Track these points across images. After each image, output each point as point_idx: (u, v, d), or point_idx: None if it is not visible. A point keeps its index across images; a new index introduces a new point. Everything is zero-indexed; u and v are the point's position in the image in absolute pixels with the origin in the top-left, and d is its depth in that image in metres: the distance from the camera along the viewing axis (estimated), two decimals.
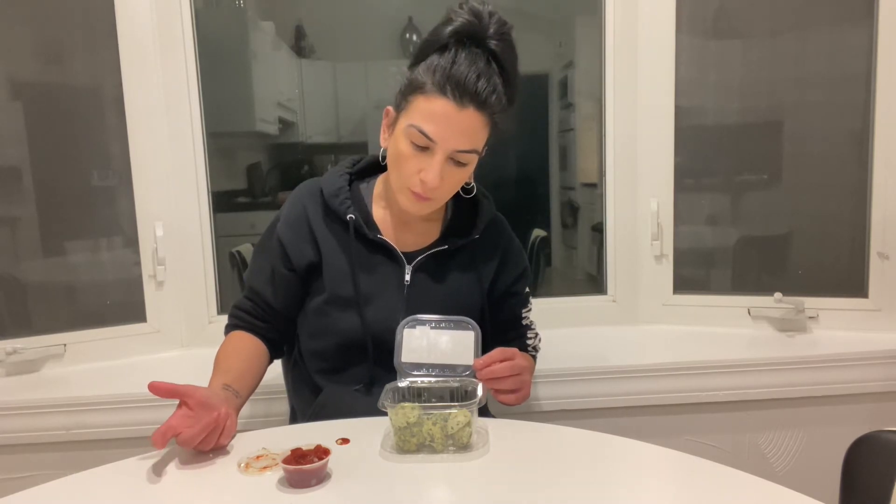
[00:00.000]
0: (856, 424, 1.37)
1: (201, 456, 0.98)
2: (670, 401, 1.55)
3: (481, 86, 1.05)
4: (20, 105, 1.62)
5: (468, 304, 1.22)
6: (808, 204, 1.78)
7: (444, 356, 1.09)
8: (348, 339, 1.18)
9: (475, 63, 1.05)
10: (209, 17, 1.88)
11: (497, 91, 1.07)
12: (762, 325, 1.74)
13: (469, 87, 1.04)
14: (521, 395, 1.12)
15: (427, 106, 1.06)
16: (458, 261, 1.24)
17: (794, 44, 1.72)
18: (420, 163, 1.08)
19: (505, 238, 1.30)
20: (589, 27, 1.87)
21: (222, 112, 1.99)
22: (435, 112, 1.05)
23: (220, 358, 1.17)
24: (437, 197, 1.13)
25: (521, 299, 1.31)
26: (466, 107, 1.05)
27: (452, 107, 1.05)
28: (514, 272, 1.29)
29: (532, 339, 1.32)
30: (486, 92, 1.05)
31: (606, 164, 1.82)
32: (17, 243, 1.66)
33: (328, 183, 1.22)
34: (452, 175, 1.11)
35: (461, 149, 1.07)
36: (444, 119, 1.05)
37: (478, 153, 1.11)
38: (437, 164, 1.07)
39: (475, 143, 1.09)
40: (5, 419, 1.43)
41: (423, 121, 1.06)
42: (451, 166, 1.09)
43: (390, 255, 1.20)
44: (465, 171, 1.12)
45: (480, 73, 1.05)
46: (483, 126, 1.08)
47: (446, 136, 1.06)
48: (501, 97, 1.08)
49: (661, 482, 0.91)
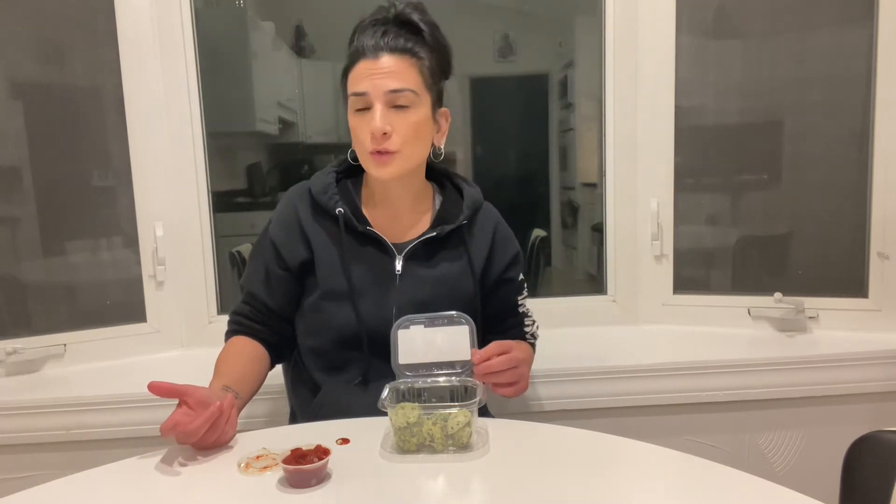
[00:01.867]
0: (856, 424, 1.36)
1: (202, 455, 0.99)
2: (670, 401, 1.54)
3: (390, 37, 1.14)
4: (20, 105, 1.62)
5: (461, 291, 1.23)
6: (808, 204, 1.77)
7: (440, 353, 1.09)
8: (344, 333, 1.19)
9: (379, 27, 1.16)
10: (209, 17, 1.88)
11: (404, 35, 1.15)
12: (762, 325, 1.74)
13: (378, 42, 1.14)
14: (519, 388, 1.13)
15: (353, 75, 1.16)
16: (448, 248, 1.24)
17: (794, 44, 1.72)
18: (367, 123, 1.13)
19: (494, 223, 1.31)
20: (589, 27, 1.87)
21: (222, 112, 1.98)
22: (358, 72, 1.15)
23: (220, 362, 1.18)
24: (399, 150, 1.14)
25: (516, 286, 1.31)
26: (381, 55, 1.14)
27: (368, 61, 1.14)
28: (505, 257, 1.30)
29: (530, 327, 1.32)
30: (395, 39, 1.14)
31: (606, 164, 1.82)
32: (17, 243, 1.66)
33: (316, 182, 1.25)
34: (400, 120, 1.14)
35: (392, 88, 1.12)
36: (365, 73, 1.14)
37: (414, 92, 1.14)
38: (377, 111, 1.12)
39: (405, 82, 1.13)
40: (5, 419, 1.43)
41: (354, 85, 1.15)
42: (395, 112, 1.13)
43: (380, 246, 1.22)
44: (414, 115, 1.15)
45: (385, 30, 1.15)
46: (408, 66, 1.14)
47: (372, 84, 1.13)
48: (413, 38, 1.16)
49: (661, 482, 0.91)
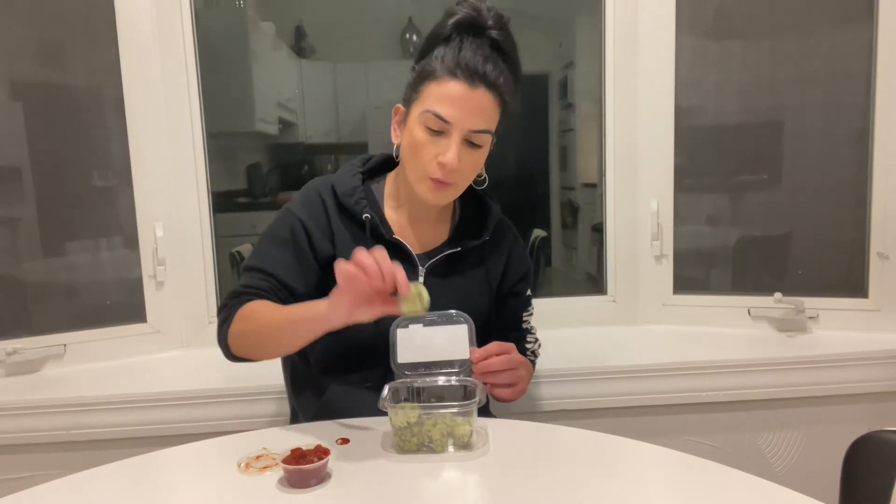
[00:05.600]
0: (856, 424, 1.36)
1: (202, 454, 0.98)
2: (670, 401, 1.54)
3: (489, 68, 1.09)
4: (20, 105, 1.62)
5: (479, 305, 1.22)
6: (808, 204, 1.77)
7: (439, 352, 1.09)
8: (360, 339, 1.15)
9: (481, 48, 1.10)
10: (209, 17, 1.88)
11: (503, 73, 1.11)
12: (762, 325, 1.74)
13: (479, 69, 1.08)
14: (517, 390, 1.12)
15: (440, 90, 1.09)
16: (468, 262, 1.23)
17: (794, 44, 1.72)
18: (437, 147, 1.10)
19: (511, 239, 1.30)
20: (589, 27, 1.87)
21: (222, 112, 1.98)
22: (448, 94, 1.08)
23: (274, 311, 1.07)
24: (457, 182, 1.13)
25: (523, 301, 1.31)
26: (478, 87, 1.08)
27: (465, 87, 1.08)
28: (518, 272, 1.30)
29: (531, 344, 1.31)
30: (494, 73, 1.09)
31: (606, 165, 1.82)
32: (17, 243, 1.65)
33: (341, 181, 1.20)
34: (469, 157, 1.12)
35: (476, 128, 1.10)
36: (457, 100, 1.08)
37: (491, 134, 1.13)
38: (455, 145, 1.09)
39: (489, 123, 1.11)
40: (5, 419, 1.43)
41: (438, 104, 1.08)
42: (467, 148, 1.11)
43: (404, 255, 1.19)
44: (480, 155, 1.14)
45: (486, 56, 1.09)
46: (494, 106, 1.12)
47: (461, 116, 1.08)
48: (508, 78, 1.12)
49: (661, 482, 0.91)
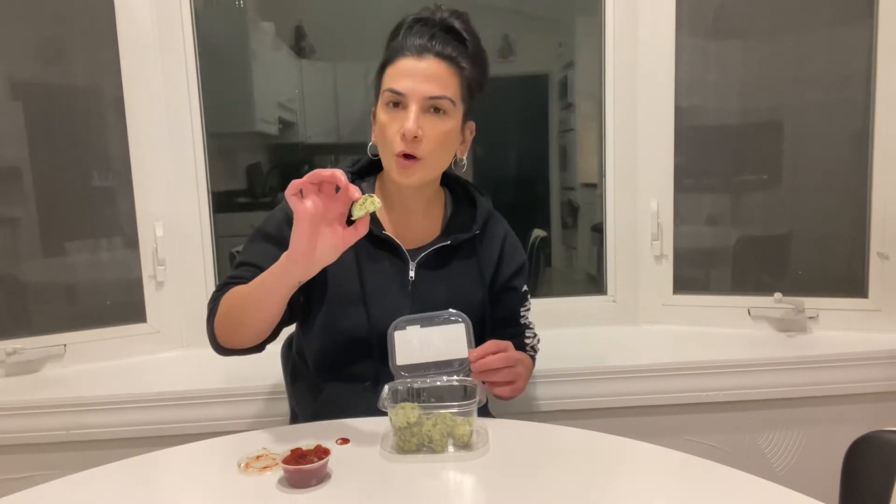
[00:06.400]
0: (856, 424, 1.36)
1: (202, 454, 0.98)
2: (670, 401, 1.55)
3: (436, 42, 1.14)
4: (20, 105, 1.62)
5: (472, 299, 1.23)
6: (808, 204, 1.77)
7: (438, 353, 1.08)
8: (353, 336, 1.17)
9: (429, 30, 1.15)
10: (209, 17, 1.88)
11: (451, 43, 1.15)
12: (762, 325, 1.74)
13: (426, 44, 1.13)
14: (515, 388, 1.12)
15: (393, 70, 1.14)
16: (459, 256, 1.24)
17: (794, 44, 1.72)
18: (399, 122, 1.12)
19: (503, 233, 1.30)
20: (589, 27, 1.87)
21: (222, 112, 1.98)
22: (400, 70, 1.13)
23: (243, 288, 1.07)
24: (424, 157, 1.13)
25: (519, 295, 1.31)
26: (426, 56, 1.13)
27: (413, 60, 1.13)
28: (512, 266, 1.30)
29: (530, 339, 1.31)
30: (440, 45, 1.14)
31: (606, 164, 1.82)
32: (17, 243, 1.66)
33: None
34: (432, 127, 1.12)
35: (431, 94, 1.12)
36: (408, 72, 1.12)
37: (451, 101, 1.13)
38: (412, 113, 1.11)
39: (444, 90, 1.13)
40: (5, 419, 1.43)
41: (392, 81, 1.13)
42: (430, 116, 1.12)
43: (394, 251, 1.20)
44: (445, 124, 1.14)
45: (433, 34, 1.15)
46: (449, 74, 1.14)
47: (413, 85, 1.11)
48: (460, 49, 1.16)
49: (661, 482, 0.91)
